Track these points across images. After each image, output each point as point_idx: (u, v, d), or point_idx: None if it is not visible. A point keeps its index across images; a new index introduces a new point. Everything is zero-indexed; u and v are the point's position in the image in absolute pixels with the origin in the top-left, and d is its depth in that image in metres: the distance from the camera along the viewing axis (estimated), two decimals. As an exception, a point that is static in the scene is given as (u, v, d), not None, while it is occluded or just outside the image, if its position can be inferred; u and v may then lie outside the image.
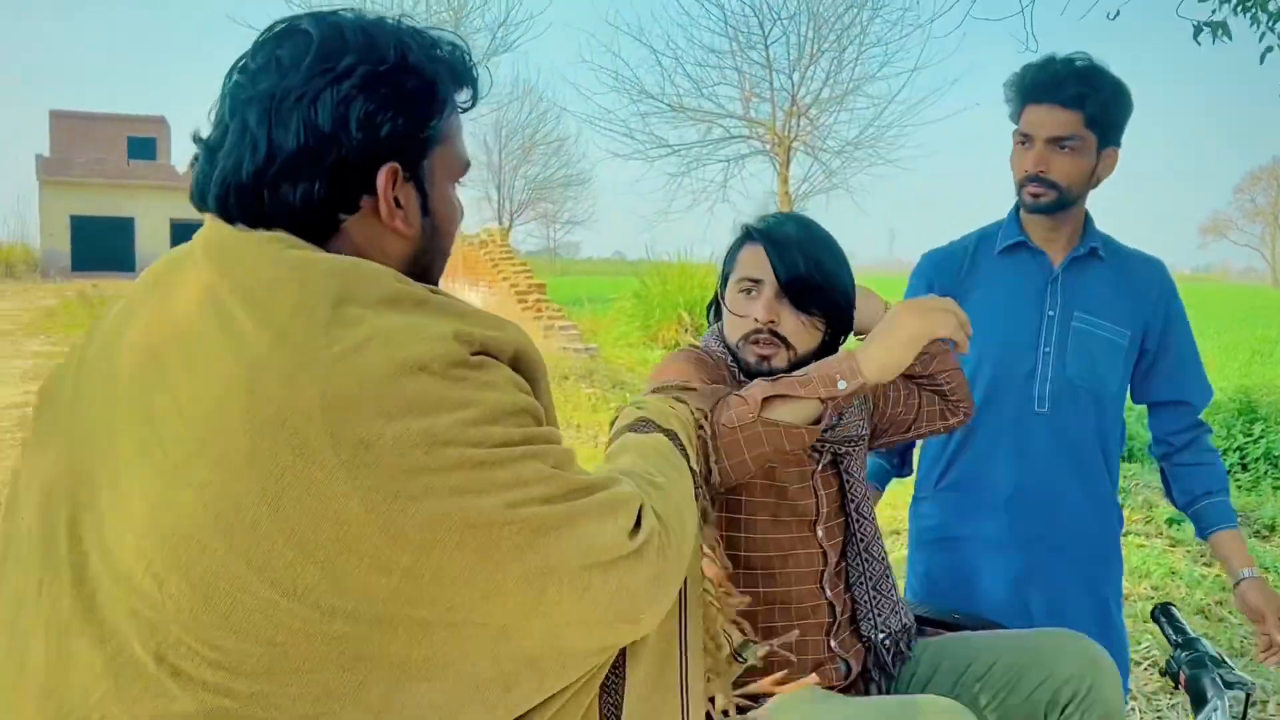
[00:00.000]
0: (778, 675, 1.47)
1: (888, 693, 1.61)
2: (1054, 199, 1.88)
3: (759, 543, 1.54)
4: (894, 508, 4.58)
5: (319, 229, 0.92)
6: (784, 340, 1.54)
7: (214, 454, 0.78)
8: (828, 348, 1.61)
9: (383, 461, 0.78)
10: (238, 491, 0.77)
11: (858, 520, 1.62)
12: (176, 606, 0.77)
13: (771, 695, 1.46)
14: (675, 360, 1.59)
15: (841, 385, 1.35)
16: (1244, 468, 6.39)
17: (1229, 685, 1.38)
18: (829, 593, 1.57)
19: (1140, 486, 5.66)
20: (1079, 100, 1.81)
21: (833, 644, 1.55)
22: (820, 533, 1.58)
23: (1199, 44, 3.39)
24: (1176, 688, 1.46)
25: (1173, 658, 1.46)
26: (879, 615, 1.60)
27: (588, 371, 11.04)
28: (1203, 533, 1.98)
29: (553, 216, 44.72)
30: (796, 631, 1.49)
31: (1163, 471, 2.07)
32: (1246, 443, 6.56)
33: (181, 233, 37.83)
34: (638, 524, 0.94)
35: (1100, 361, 1.95)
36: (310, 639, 0.78)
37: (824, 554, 1.58)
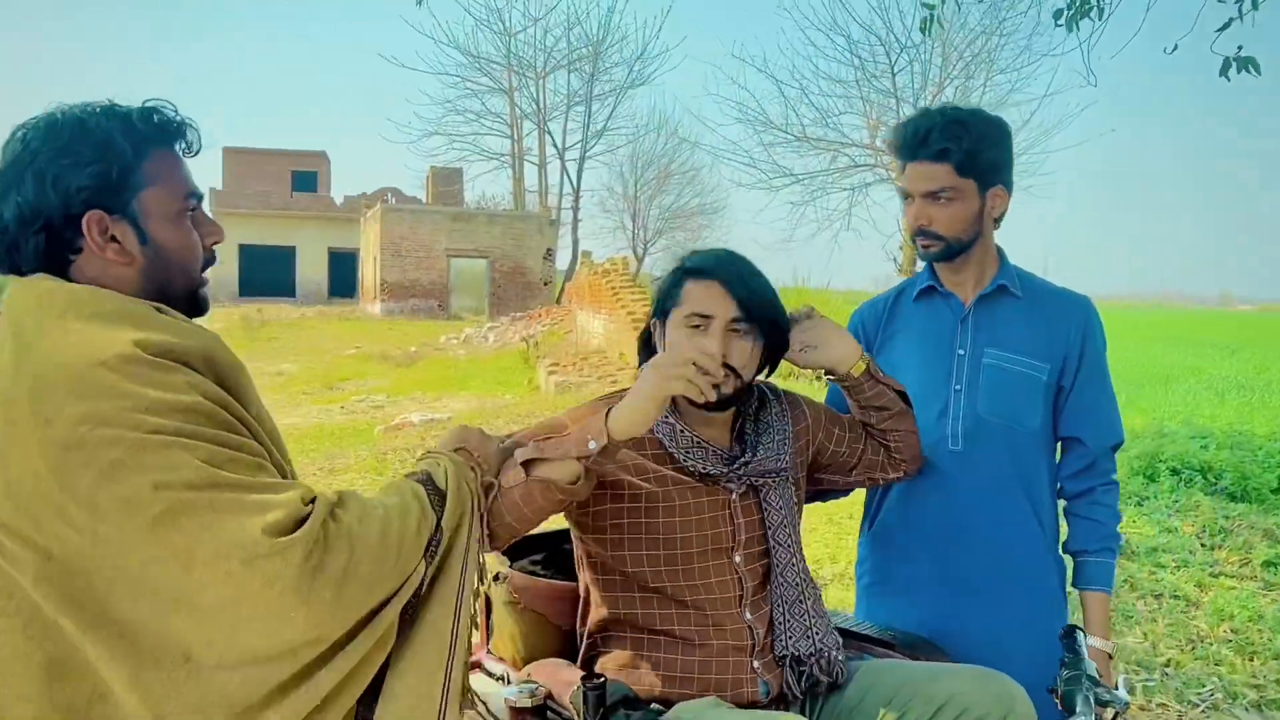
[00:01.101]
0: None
1: (811, 713, 1.70)
2: (942, 248, 1.94)
3: (677, 572, 1.65)
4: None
5: (55, 269, 1.21)
6: (733, 370, 1.65)
7: None
8: (766, 369, 1.75)
9: (59, 434, 1.04)
10: None
11: (774, 548, 1.72)
12: None
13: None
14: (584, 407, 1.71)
15: (592, 445, 1.47)
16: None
17: (1101, 703, 1.46)
18: (749, 616, 1.67)
19: (1242, 527, 5.42)
20: (944, 154, 1.87)
21: (755, 665, 1.65)
22: (738, 559, 1.68)
23: (1228, 79, 3.31)
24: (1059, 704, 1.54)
25: (1057, 674, 1.54)
26: (790, 638, 1.68)
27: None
28: (1075, 584, 1.98)
29: (686, 245, 45.23)
30: None
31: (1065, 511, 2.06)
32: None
33: (338, 261, 40.29)
34: (295, 530, 1.06)
35: (1014, 397, 1.95)
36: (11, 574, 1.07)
37: (740, 579, 1.68)
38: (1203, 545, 5.18)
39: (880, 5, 20.67)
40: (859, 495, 2.19)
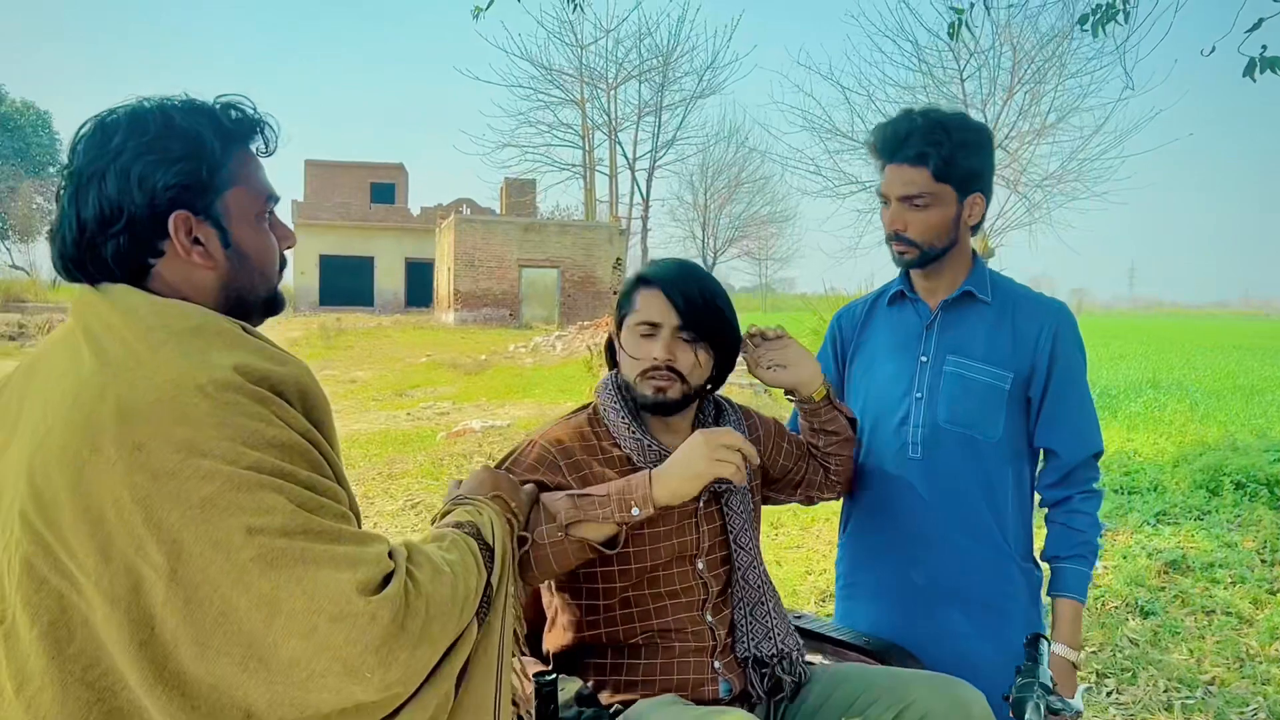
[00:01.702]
0: None
1: (776, 714, 1.73)
2: (916, 255, 1.91)
3: (643, 582, 1.68)
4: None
5: (134, 274, 1.13)
6: (679, 375, 1.71)
7: (44, 448, 1.01)
8: (716, 380, 1.79)
9: (149, 463, 0.95)
10: (52, 475, 0.99)
11: (736, 551, 1.75)
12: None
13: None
14: (522, 463, 1.69)
15: (635, 512, 1.52)
16: None
17: (1053, 711, 1.46)
18: (711, 619, 1.70)
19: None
20: (922, 158, 1.83)
21: (716, 665, 1.68)
22: (701, 565, 1.72)
23: (1253, 80, 3.20)
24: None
25: (1013, 682, 1.55)
26: (751, 639, 1.72)
27: (752, 405, 11.13)
28: (1048, 591, 1.94)
29: (756, 253, 45.09)
30: None
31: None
32: None
33: (414, 271, 41.09)
34: (382, 588, 1.01)
35: (975, 406, 1.91)
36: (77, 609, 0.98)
37: (705, 584, 1.71)
38: (1263, 561, 5.01)
39: (948, 11, 20.34)
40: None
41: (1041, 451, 1.99)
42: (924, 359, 1.98)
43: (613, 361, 1.84)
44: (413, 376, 15.96)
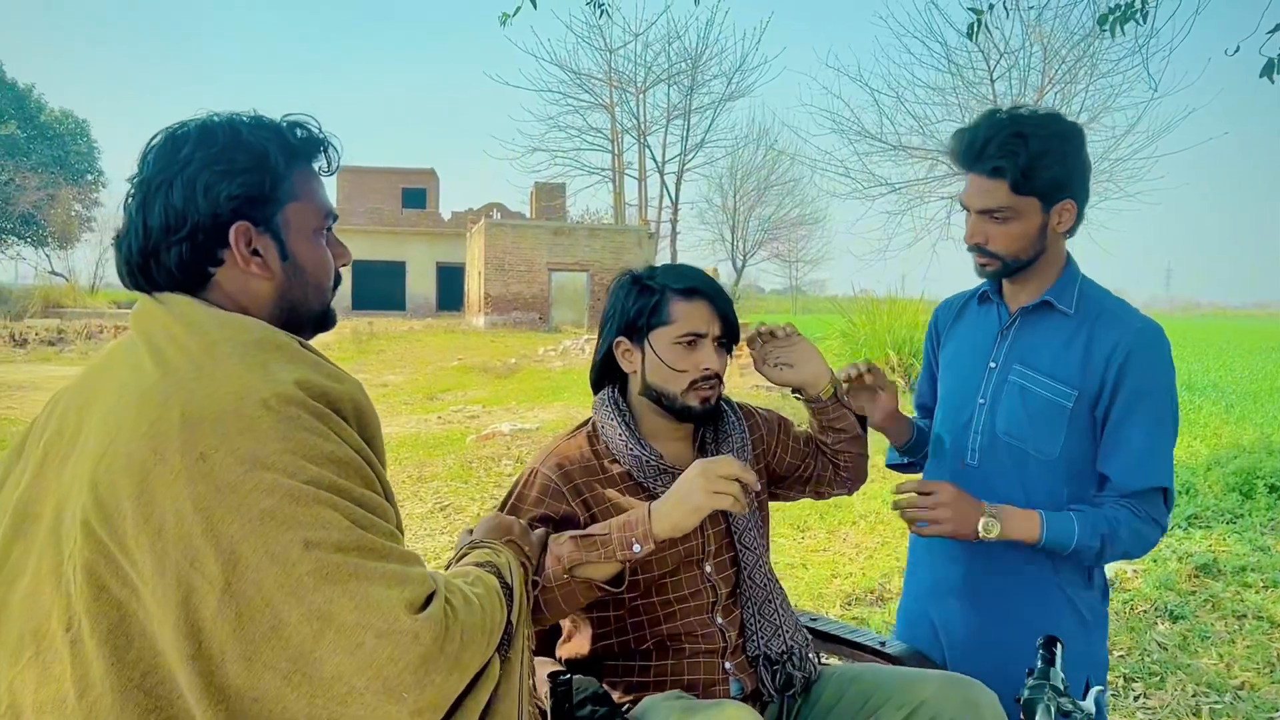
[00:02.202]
0: None
1: (788, 712, 1.75)
2: (999, 267, 1.84)
3: (652, 590, 1.70)
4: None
5: (194, 282, 1.17)
6: (720, 379, 1.77)
7: (109, 456, 1.02)
8: None
9: (213, 473, 0.97)
10: (116, 483, 1.00)
11: (742, 552, 1.77)
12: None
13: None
14: (529, 497, 1.71)
15: (636, 549, 1.52)
16: None
17: (1064, 713, 1.47)
18: (720, 620, 1.72)
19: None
20: (999, 171, 1.75)
21: (727, 665, 1.70)
22: (709, 569, 1.73)
23: (1273, 81, 3.15)
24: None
25: (1025, 682, 1.55)
26: (761, 638, 1.74)
27: (776, 408, 11.11)
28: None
29: (785, 256, 44.97)
30: None
31: None
32: None
33: (446, 275, 41.34)
34: (425, 607, 1.01)
35: (1032, 419, 1.83)
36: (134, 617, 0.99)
37: (714, 587, 1.73)
38: (1296, 565, 4.95)
39: (968, 11, 20.20)
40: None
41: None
42: (993, 365, 1.92)
43: (604, 377, 1.85)
44: (443, 380, 16.08)
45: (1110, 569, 4.91)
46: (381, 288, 40.98)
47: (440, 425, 10.65)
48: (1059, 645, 1.64)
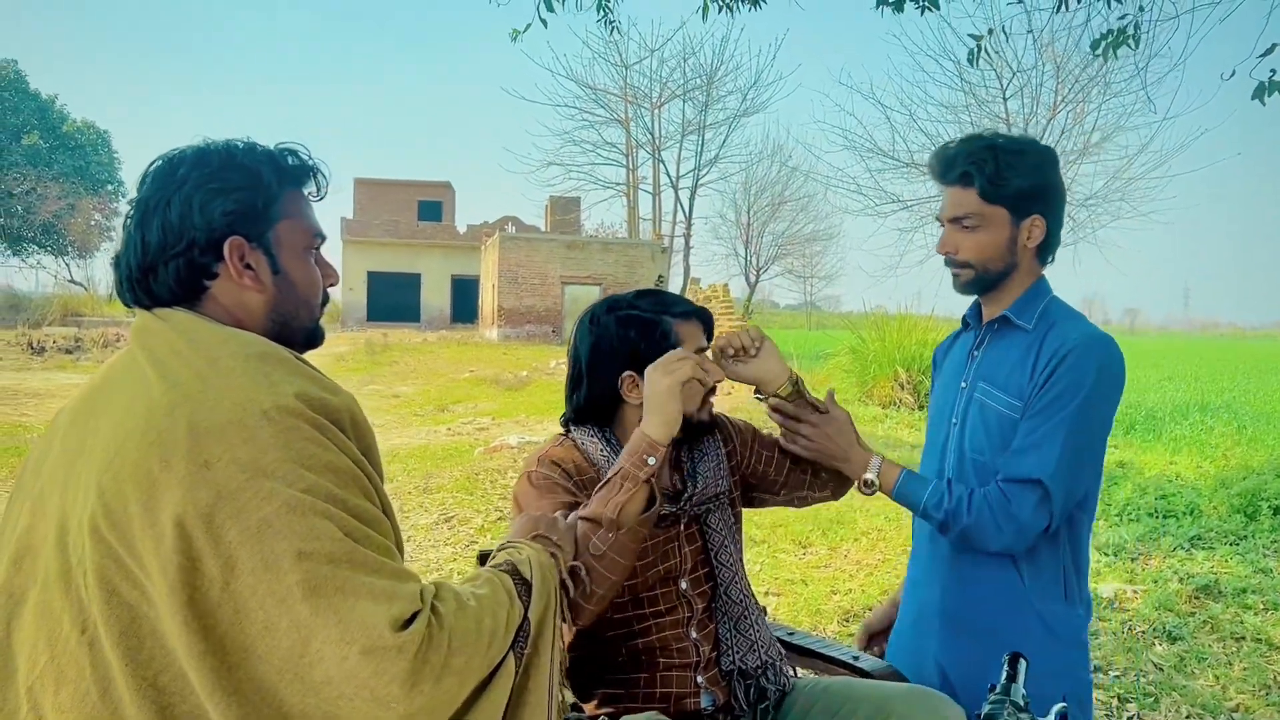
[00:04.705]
0: None
1: None
2: (971, 277, 1.88)
3: (627, 604, 1.72)
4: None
5: (190, 296, 1.22)
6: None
7: (116, 464, 1.05)
8: None
9: (215, 480, 1.01)
10: (124, 490, 1.04)
11: (718, 568, 1.79)
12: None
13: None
14: (532, 492, 1.73)
15: (651, 461, 1.55)
16: None
17: (1024, 728, 1.49)
18: (695, 635, 1.74)
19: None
20: (967, 178, 1.81)
21: (699, 679, 1.72)
22: (684, 585, 1.76)
23: (1263, 103, 3.17)
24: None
25: (986, 698, 1.57)
26: (736, 652, 1.75)
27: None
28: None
29: (799, 271, 44.98)
30: None
31: None
32: None
33: (460, 288, 41.50)
34: (409, 625, 1.04)
35: (989, 435, 1.84)
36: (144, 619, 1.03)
37: (689, 602, 1.75)
38: (1299, 588, 4.92)
39: (967, 37, 20.29)
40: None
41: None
42: (964, 385, 1.95)
43: (591, 417, 1.86)
44: (454, 392, 16.16)
45: (1110, 588, 4.90)
46: (397, 299, 41.20)
47: (449, 437, 10.69)
48: (1023, 661, 1.65)
